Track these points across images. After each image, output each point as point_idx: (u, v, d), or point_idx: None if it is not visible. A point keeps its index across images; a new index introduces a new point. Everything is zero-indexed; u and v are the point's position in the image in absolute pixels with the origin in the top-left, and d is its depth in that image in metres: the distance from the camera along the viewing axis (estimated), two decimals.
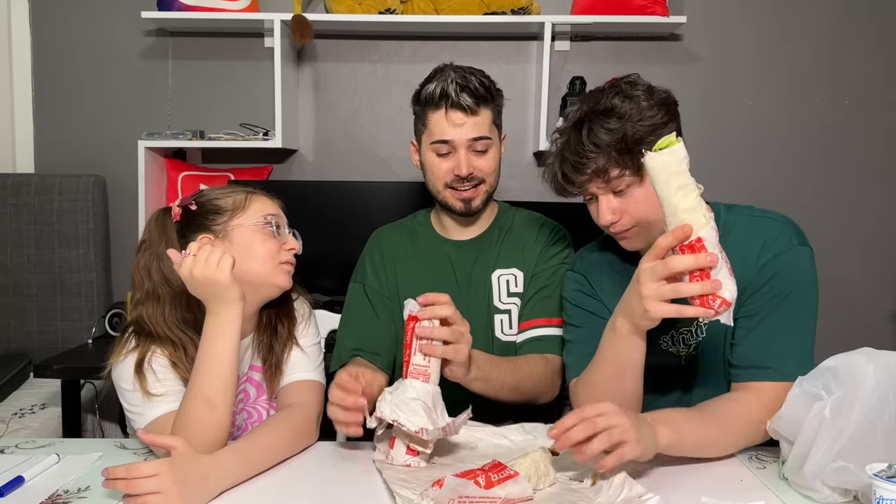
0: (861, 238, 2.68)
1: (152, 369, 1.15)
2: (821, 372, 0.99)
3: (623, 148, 1.11)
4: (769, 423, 1.06)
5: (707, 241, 0.96)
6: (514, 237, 1.51)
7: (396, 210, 1.82)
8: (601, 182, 1.15)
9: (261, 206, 1.25)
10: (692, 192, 0.97)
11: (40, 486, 1.03)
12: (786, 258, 1.16)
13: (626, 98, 1.13)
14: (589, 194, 1.20)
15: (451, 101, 1.37)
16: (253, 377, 1.30)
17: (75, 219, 2.56)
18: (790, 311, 1.15)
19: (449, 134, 1.39)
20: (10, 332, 2.55)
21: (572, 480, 1.09)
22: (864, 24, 2.62)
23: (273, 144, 2.51)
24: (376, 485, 1.06)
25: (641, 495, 1.00)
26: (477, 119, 1.39)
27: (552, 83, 2.52)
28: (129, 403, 1.16)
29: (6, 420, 2.07)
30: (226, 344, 1.09)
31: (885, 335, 2.69)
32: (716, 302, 0.96)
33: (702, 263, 0.95)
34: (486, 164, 1.42)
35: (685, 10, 2.53)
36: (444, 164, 1.42)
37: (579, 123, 1.16)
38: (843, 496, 0.98)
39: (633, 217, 1.17)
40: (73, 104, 2.71)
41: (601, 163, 1.13)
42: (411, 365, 1.12)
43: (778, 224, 1.20)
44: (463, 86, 1.37)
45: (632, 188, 1.15)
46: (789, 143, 2.65)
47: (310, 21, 2.43)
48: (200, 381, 1.08)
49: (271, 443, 1.12)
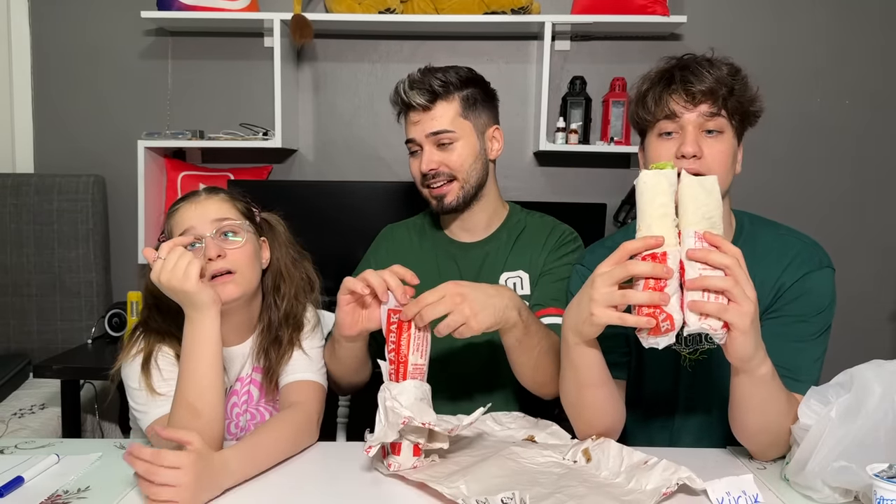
0: (861, 238, 2.67)
1: (158, 367, 1.16)
2: (833, 386, 1.01)
3: (739, 93, 1.17)
4: (792, 428, 1.06)
5: (670, 258, 0.95)
6: (525, 240, 1.49)
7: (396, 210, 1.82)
8: (708, 108, 1.16)
9: (177, 225, 1.20)
10: (671, 217, 0.97)
11: (40, 486, 1.03)
12: (814, 279, 1.20)
13: (736, 67, 1.21)
14: (675, 126, 1.18)
15: (403, 102, 1.42)
16: (256, 379, 1.31)
17: (75, 219, 2.56)
18: (811, 330, 1.18)
19: (410, 133, 1.43)
20: (9, 332, 2.55)
21: (565, 460, 1.11)
22: (865, 25, 2.62)
23: (273, 144, 2.51)
24: (380, 484, 1.06)
25: (646, 461, 1.04)
26: (433, 114, 1.40)
27: (552, 83, 2.52)
28: (136, 402, 1.17)
29: (6, 420, 2.07)
30: (203, 349, 1.08)
31: (885, 335, 2.69)
32: (661, 316, 0.94)
33: (658, 272, 0.94)
34: (452, 158, 1.41)
35: (685, 10, 2.54)
36: (415, 162, 1.45)
37: (696, 59, 1.20)
38: (843, 496, 0.99)
39: (711, 162, 1.16)
40: (73, 104, 2.71)
41: (722, 90, 1.15)
42: (410, 364, 1.10)
43: (807, 245, 1.24)
44: (412, 84, 1.40)
45: (723, 135, 1.18)
46: (789, 143, 2.65)
47: (310, 21, 2.43)
48: (182, 388, 1.08)
49: (274, 441, 1.12)
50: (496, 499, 0.92)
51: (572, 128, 2.51)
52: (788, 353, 1.15)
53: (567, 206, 2.51)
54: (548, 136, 2.50)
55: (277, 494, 1.04)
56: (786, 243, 1.24)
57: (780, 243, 1.25)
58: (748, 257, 1.07)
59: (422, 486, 1.03)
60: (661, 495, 0.98)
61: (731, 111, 1.17)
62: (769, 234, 1.26)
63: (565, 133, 2.51)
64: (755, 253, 1.20)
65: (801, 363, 1.16)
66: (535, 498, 0.96)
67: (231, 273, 1.18)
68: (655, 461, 1.04)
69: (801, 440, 1.00)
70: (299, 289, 1.32)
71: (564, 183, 2.71)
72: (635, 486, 1.02)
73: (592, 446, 1.13)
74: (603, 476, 1.06)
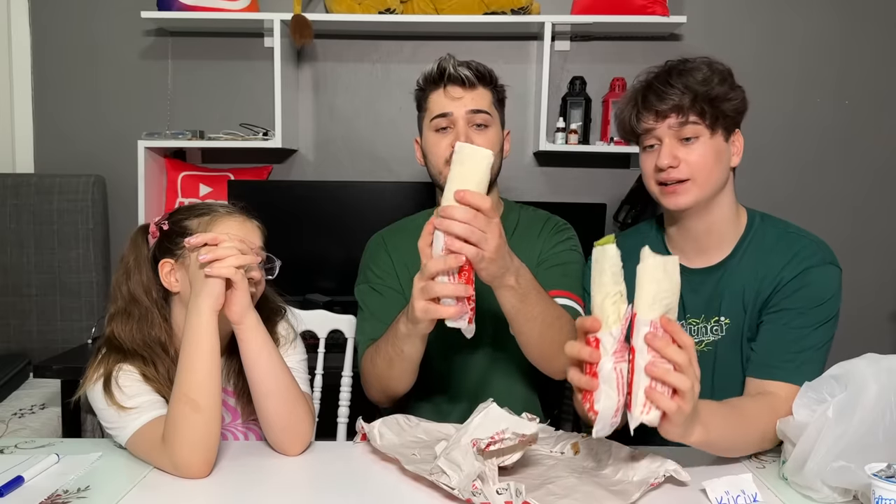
0: (860, 238, 2.67)
1: (119, 386, 1.12)
2: (826, 379, 1.01)
3: (706, 96, 1.20)
4: (778, 425, 1.07)
5: (603, 345, 0.94)
6: (520, 234, 1.49)
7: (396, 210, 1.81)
8: (675, 120, 1.21)
9: (222, 230, 1.17)
10: (619, 287, 0.95)
11: (40, 486, 1.03)
12: (815, 273, 1.22)
13: (713, 66, 1.24)
14: (653, 139, 1.25)
15: (448, 76, 1.38)
16: (227, 401, 1.26)
17: (75, 219, 2.56)
18: (811, 323, 1.19)
19: (447, 107, 1.39)
20: (9, 332, 2.55)
21: (553, 451, 1.14)
22: (865, 24, 2.62)
23: (273, 144, 2.51)
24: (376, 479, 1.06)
25: (633, 454, 1.07)
26: (476, 93, 1.39)
27: (552, 83, 2.52)
28: (108, 421, 1.13)
29: (6, 420, 2.07)
30: (202, 341, 1.07)
31: (885, 335, 2.69)
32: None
33: (583, 356, 0.94)
34: (485, 141, 1.39)
35: (685, 10, 2.54)
36: (444, 140, 1.40)
37: (669, 69, 1.24)
38: (842, 496, 0.99)
39: (692, 168, 1.22)
40: (73, 104, 2.71)
41: (686, 101, 1.20)
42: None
43: (811, 242, 1.26)
44: (461, 63, 1.39)
45: (699, 140, 1.22)
46: (789, 143, 2.65)
47: (310, 21, 2.43)
48: (182, 382, 1.07)
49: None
50: (491, 488, 0.93)
51: (572, 128, 2.51)
52: (784, 343, 1.18)
53: (567, 206, 2.51)
54: (548, 137, 2.51)
55: (277, 494, 1.04)
56: (791, 240, 1.27)
57: (786, 240, 1.27)
58: (753, 252, 1.19)
59: (417, 478, 1.04)
60: (648, 486, 1.01)
61: (700, 114, 1.21)
62: (777, 231, 1.29)
63: (565, 133, 2.52)
64: (760, 248, 1.27)
65: (799, 357, 1.17)
66: (526, 488, 0.97)
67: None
68: (642, 454, 1.07)
69: (795, 438, 1.01)
70: (270, 311, 1.29)
71: (564, 183, 2.71)
72: (622, 478, 1.05)
73: (581, 440, 1.15)
74: (590, 467, 1.09)
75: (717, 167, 1.23)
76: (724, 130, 1.24)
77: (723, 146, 1.24)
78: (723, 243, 1.30)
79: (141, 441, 1.10)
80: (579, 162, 2.69)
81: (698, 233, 1.30)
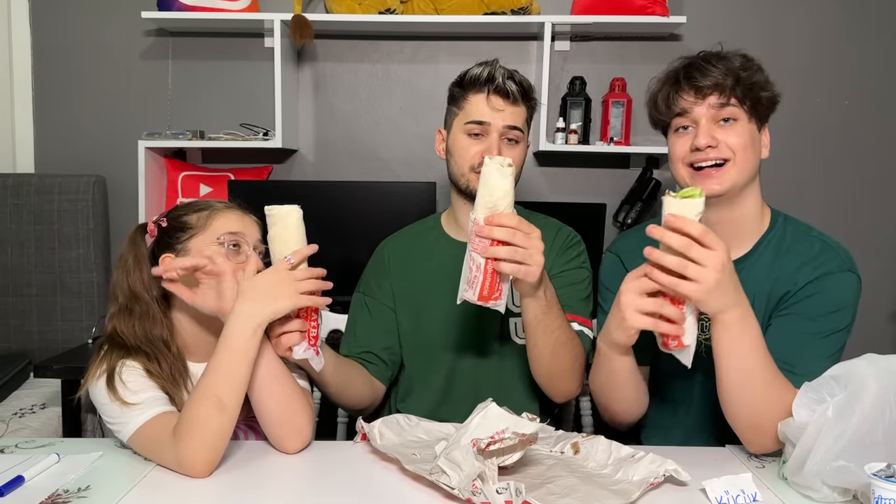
0: (860, 238, 2.66)
1: (122, 381, 1.12)
2: (826, 379, 1.01)
3: (748, 80, 1.21)
4: (779, 426, 1.06)
5: None
6: None
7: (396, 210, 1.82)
8: (717, 100, 1.20)
9: (222, 224, 1.20)
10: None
11: (40, 485, 1.03)
12: (832, 280, 1.20)
13: (749, 58, 1.25)
14: (687, 121, 1.23)
15: (496, 85, 1.38)
16: None
17: (75, 219, 2.56)
18: (825, 328, 1.18)
19: (487, 116, 1.39)
20: (10, 332, 2.55)
21: (553, 451, 1.14)
22: (865, 25, 2.62)
23: (273, 144, 2.51)
24: (377, 479, 1.06)
25: (633, 454, 1.08)
26: (515, 110, 1.40)
27: (552, 83, 2.53)
28: (110, 416, 1.13)
29: (6, 420, 2.07)
30: (241, 347, 1.08)
31: (885, 335, 2.69)
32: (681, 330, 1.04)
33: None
34: (514, 155, 1.40)
35: (685, 10, 2.54)
36: (475, 146, 1.40)
37: (707, 55, 1.24)
38: (842, 496, 0.99)
39: (731, 148, 1.21)
40: (73, 104, 2.71)
41: (728, 81, 1.19)
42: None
43: (832, 247, 1.25)
44: (510, 74, 1.40)
45: (738, 122, 1.22)
46: (789, 143, 2.65)
47: (310, 21, 2.44)
48: (213, 381, 1.07)
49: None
50: (491, 488, 0.93)
51: (572, 128, 2.51)
52: (790, 348, 1.15)
53: (567, 206, 2.52)
54: (547, 137, 2.51)
55: (277, 494, 1.04)
56: (811, 244, 1.26)
57: (806, 243, 1.26)
58: (771, 252, 1.21)
59: (417, 478, 1.04)
60: (648, 485, 1.01)
61: (740, 98, 1.21)
62: (797, 233, 1.28)
63: (565, 133, 2.52)
64: (778, 248, 1.26)
65: (809, 359, 1.14)
66: (526, 488, 0.97)
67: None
68: (642, 454, 1.08)
69: (795, 438, 1.00)
70: None
71: (564, 183, 2.72)
72: (622, 477, 1.05)
73: (582, 440, 1.16)
74: (590, 467, 1.09)
75: (753, 152, 1.23)
76: (758, 120, 1.24)
77: (756, 134, 1.24)
78: (744, 240, 1.28)
79: (145, 437, 1.10)
80: (579, 162, 2.69)
81: (721, 224, 1.24)
